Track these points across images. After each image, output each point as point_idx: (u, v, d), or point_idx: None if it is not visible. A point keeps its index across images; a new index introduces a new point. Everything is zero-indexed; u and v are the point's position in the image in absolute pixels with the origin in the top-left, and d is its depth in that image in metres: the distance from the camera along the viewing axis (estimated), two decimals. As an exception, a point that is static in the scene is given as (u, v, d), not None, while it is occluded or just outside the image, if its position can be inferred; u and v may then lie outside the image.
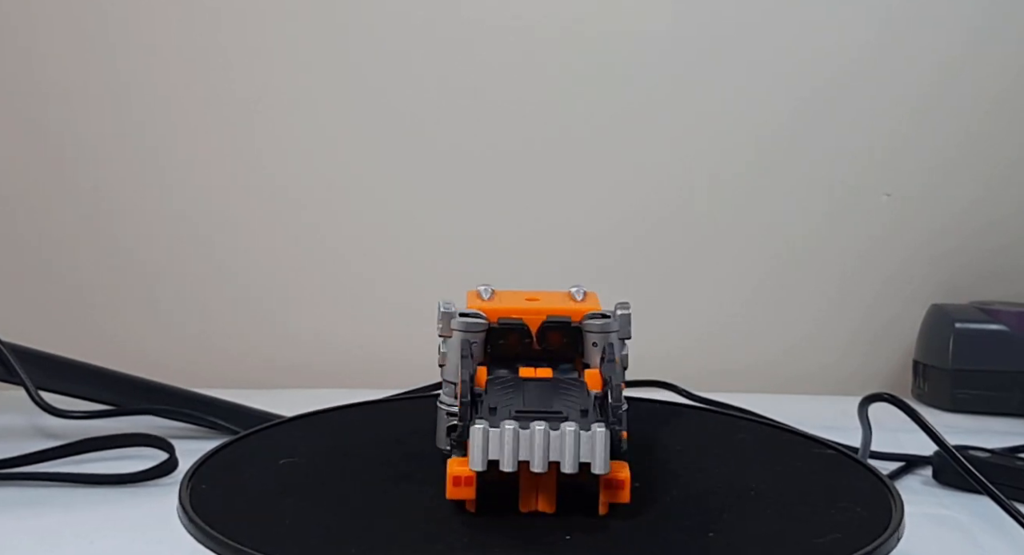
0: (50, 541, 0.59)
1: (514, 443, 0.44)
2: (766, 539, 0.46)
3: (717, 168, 0.96)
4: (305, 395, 0.72)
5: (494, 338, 0.51)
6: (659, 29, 0.94)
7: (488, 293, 0.53)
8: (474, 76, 0.95)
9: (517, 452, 0.44)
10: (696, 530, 0.47)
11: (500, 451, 0.44)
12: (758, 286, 0.97)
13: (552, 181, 0.96)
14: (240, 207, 0.97)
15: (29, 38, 0.95)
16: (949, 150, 0.95)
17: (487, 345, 0.51)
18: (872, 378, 0.97)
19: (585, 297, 0.52)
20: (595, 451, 0.44)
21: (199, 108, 0.96)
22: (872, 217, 0.96)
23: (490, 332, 0.51)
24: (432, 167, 0.97)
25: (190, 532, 0.46)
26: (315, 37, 0.95)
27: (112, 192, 0.97)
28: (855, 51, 0.94)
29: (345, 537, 0.46)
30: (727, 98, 0.95)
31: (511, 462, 0.44)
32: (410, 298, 0.97)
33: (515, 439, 0.44)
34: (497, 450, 0.44)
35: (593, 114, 0.96)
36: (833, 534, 0.47)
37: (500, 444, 0.44)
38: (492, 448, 0.44)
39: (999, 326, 0.88)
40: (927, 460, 0.71)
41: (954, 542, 0.61)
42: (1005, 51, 0.94)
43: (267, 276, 0.98)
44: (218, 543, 0.44)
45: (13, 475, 0.68)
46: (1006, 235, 0.96)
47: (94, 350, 0.81)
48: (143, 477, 0.68)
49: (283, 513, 0.48)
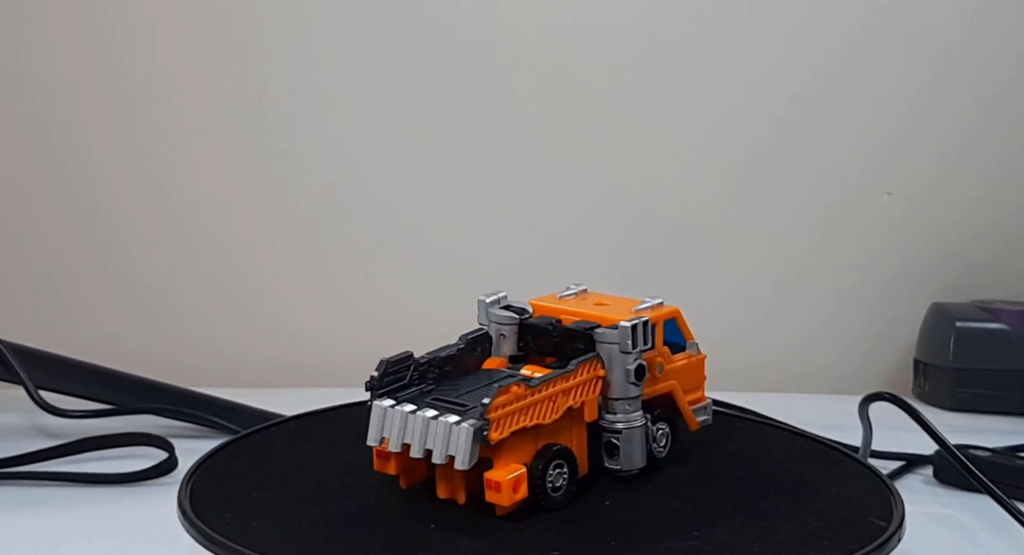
0: (50, 541, 0.59)
1: (401, 426, 0.47)
2: (766, 538, 0.46)
3: (717, 168, 0.96)
4: (305, 394, 0.72)
5: (523, 334, 0.54)
6: (659, 29, 0.94)
7: (570, 292, 0.56)
8: (474, 76, 0.95)
9: (403, 435, 0.47)
10: (696, 529, 0.47)
11: (390, 431, 0.47)
12: (758, 286, 0.97)
13: (554, 184, 0.96)
14: (240, 207, 0.97)
15: (25, 35, 0.95)
16: (950, 149, 0.95)
17: (520, 340, 0.54)
18: (872, 377, 0.97)
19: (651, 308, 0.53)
20: (458, 446, 0.45)
21: (199, 108, 0.96)
22: (873, 216, 0.96)
23: (521, 328, 0.54)
24: (432, 167, 0.97)
25: (189, 532, 0.46)
26: (315, 37, 0.95)
27: (111, 192, 0.97)
28: (856, 50, 0.94)
29: (345, 537, 0.46)
30: (727, 98, 0.95)
31: (397, 443, 0.47)
32: (410, 298, 0.97)
33: (402, 422, 0.46)
34: (388, 430, 0.47)
35: (593, 116, 0.95)
36: (833, 533, 0.47)
37: (390, 425, 0.47)
38: (384, 427, 0.47)
39: (1000, 325, 0.88)
40: (928, 459, 0.71)
41: (954, 541, 0.61)
42: (1006, 50, 0.94)
43: (267, 275, 0.98)
44: (217, 543, 0.44)
45: (13, 474, 0.68)
46: (1007, 234, 0.96)
47: (94, 349, 0.81)
48: (143, 476, 0.68)
49: (283, 513, 0.48)
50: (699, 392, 0.55)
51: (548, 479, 0.48)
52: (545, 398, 0.48)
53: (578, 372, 0.49)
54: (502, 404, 0.46)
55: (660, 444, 0.53)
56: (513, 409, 0.47)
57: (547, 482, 0.48)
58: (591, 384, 0.50)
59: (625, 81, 0.95)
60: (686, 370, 0.54)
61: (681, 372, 0.54)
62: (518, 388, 0.47)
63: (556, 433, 0.49)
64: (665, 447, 0.53)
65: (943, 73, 0.94)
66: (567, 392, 0.49)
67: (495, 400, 0.46)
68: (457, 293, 0.96)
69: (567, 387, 0.49)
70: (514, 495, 0.46)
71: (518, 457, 0.47)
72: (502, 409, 0.46)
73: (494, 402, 0.46)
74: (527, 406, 0.47)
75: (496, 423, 0.46)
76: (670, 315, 0.53)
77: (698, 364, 0.55)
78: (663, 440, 0.53)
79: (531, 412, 0.47)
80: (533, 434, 0.48)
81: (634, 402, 0.51)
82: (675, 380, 0.53)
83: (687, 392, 0.54)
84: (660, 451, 0.53)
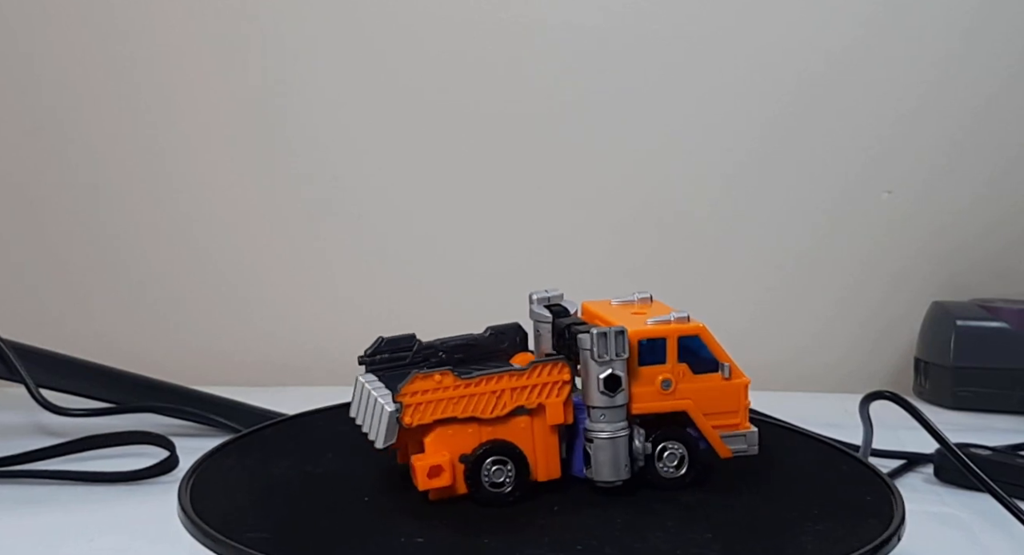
0: (51, 539, 0.59)
1: (358, 397, 0.50)
2: (766, 536, 0.46)
3: (717, 168, 0.96)
4: (305, 393, 0.72)
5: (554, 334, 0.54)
6: (658, 28, 0.94)
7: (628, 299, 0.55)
8: (475, 76, 0.95)
9: (358, 407, 0.50)
10: (695, 528, 0.47)
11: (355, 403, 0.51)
12: (759, 285, 0.97)
13: (554, 185, 0.96)
14: (241, 207, 0.97)
15: (27, 34, 0.95)
16: (950, 148, 0.95)
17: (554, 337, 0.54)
18: (873, 376, 0.97)
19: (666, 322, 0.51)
20: (378, 425, 0.47)
21: (200, 109, 0.96)
22: (873, 215, 0.96)
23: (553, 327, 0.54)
24: (432, 169, 0.97)
25: (189, 531, 0.46)
26: (316, 37, 0.95)
27: (112, 191, 0.97)
28: (856, 49, 0.94)
29: (345, 536, 0.46)
30: (727, 98, 0.95)
31: (355, 414, 0.50)
32: (411, 298, 0.97)
33: (360, 394, 0.50)
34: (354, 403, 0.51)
35: (592, 116, 0.95)
36: (833, 532, 0.47)
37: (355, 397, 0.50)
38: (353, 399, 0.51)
39: (1000, 323, 0.88)
40: (928, 458, 0.71)
41: (955, 539, 0.61)
42: (1006, 49, 0.94)
43: (268, 275, 0.98)
44: (218, 542, 0.44)
45: (13, 473, 0.68)
46: (1007, 233, 0.96)
47: (94, 348, 0.81)
48: (144, 475, 0.68)
49: (283, 512, 0.48)
50: (733, 418, 0.51)
51: (484, 474, 0.49)
52: (485, 393, 0.48)
53: (534, 373, 0.49)
54: (417, 390, 0.47)
55: (669, 464, 0.51)
56: (436, 397, 0.48)
57: (483, 476, 0.49)
58: (554, 387, 0.49)
59: (626, 81, 0.95)
60: (709, 392, 0.51)
61: (702, 393, 0.51)
62: (441, 376, 0.48)
63: (508, 431, 0.49)
64: (677, 469, 0.51)
65: (944, 72, 0.94)
66: (517, 391, 0.49)
67: (407, 385, 0.47)
68: (459, 294, 0.97)
69: (516, 386, 0.49)
70: (429, 481, 0.48)
71: (455, 447, 0.48)
72: (421, 395, 0.47)
73: (406, 387, 0.47)
74: (458, 397, 0.48)
75: (413, 408, 0.47)
76: (689, 331, 0.50)
77: (731, 388, 0.51)
78: (672, 461, 0.51)
79: (464, 404, 0.48)
80: (477, 428, 0.49)
81: (610, 412, 0.49)
82: (692, 400, 0.50)
83: (714, 415, 0.51)
84: (668, 471, 0.51)
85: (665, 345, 0.50)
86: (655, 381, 0.50)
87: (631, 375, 0.50)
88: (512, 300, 0.95)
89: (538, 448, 0.50)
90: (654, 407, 0.50)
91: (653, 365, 0.50)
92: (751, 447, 0.51)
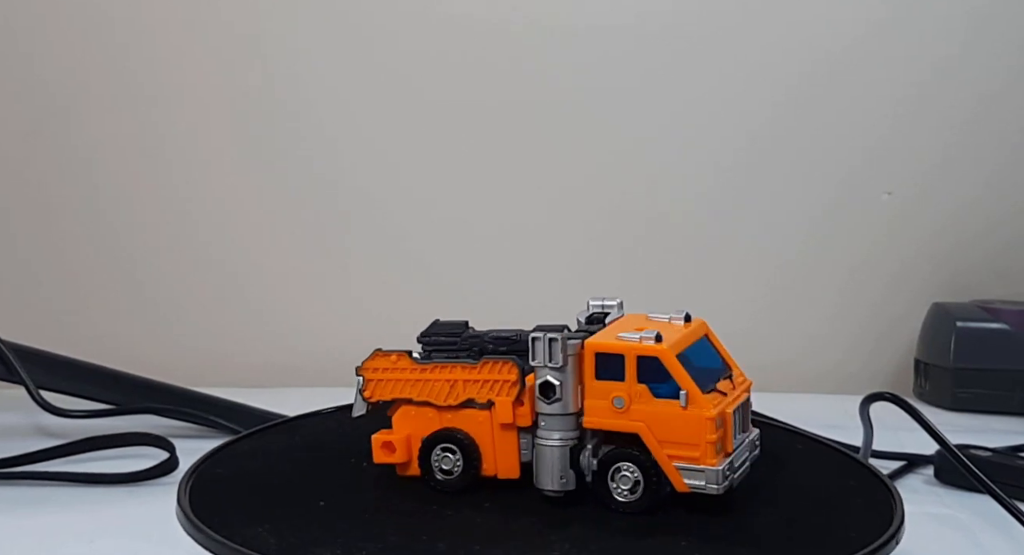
0: (50, 541, 0.59)
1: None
2: (766, 538, 0.46)
3: (716, 168, 0.96)
4: (305, 394, 0.72)
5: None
6: (657, 28, 0.94)
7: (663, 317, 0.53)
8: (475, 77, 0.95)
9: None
10: (695, 528, 0.47)
11: None
12: (759, 286, 0.97)
13: (554, 186, 0.96)
14: (241, 208, 0.97)
15: (29, 37, 0.95)
16: (950, 149, 0.95)
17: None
18: (873, 377, 0.96)
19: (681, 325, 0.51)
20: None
21: (200, 109, 0.96)
22: (873, 216, 0.96)
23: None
24: (433, 170, 0.97)
25: (189, 532, 0.46)
26: (317, 37, 0.95)
27: (112, 192, 0.97)
28: (855, 49, 0.94)
29: (345, 536, 0.46)
30: (726, 98, 0.95)
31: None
32: (410, 298, 0.97)
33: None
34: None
35: (592, 115, 0.95)
36: (833, 533, 0.47)
37: None
38: None
39: (1000, 325, 0.88)
40: (928, 459, 0.71)
41: (955, 541, 0.61)
42: (1005, 49, 0.94)
43: (268, 276, 0.98)
44: (217, 543, 0.44)
45: (13, 474, 0.68)
46: (1007, 233, 0.96)
47: (94, 349, 0.81)
48: (144, 476, 0.68)
49: (282, 513, 0.48)
50: (692, 450, 0.47)
51: (434, 458, 0.51)
52: (440, 380, 0.51)
53: (484, 368, 0.50)
54: (377, 366, 0.52)
55: (623, 486, 0.48)
56: (395, 377, 0.51)
57: (432, 461, 0.51)
58: (502, 386, 0.50)
59: (626, 81, 0.95)
60: (666, 419, 0.47)
61: (658, 418, 0.47)
62: (398, 357, 0.51)
63: (464, 422, 0.51)
64: (631, 492, 0.48)
65: (943, 72, 0.94)
66: (468, 383, 0.50)
67: (367, 361, 0.52)
68: (459, 295, 0.97)
69: (468, 378, 0.50)
70: (381, 456, 0.51)
71: (417, 429, 0.51)
72: (381, 372, 0.52)
73: (366, 362, 0.52)
74: (415, 380, 0.51)
75: (374, 383, 0.52)
76: (647, 352, 0.48)
77: (690, 419, 0.47)
78: (626, 483, 0.48)
79: (420, 388, 0.51)
80: (437, 413, 0.51)
81: (551, 420, 0.48)
82: (645, 424, 0.47)
83: (671, 444, 0.47)
84: (621, 493, 0.48)
85: (623, 362, 0.48)
86: (608, 397, 0.48)
87: (588, 388, 0.49)
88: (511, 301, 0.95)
89: (496, 445, 0.50)
90: (605, 424, 0.48)
91: (610, 381, 0.48)
92: (709, 485, 0.47)
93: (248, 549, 0.43)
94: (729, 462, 0.47)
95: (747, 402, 0.51)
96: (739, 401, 0.49)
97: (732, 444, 0.48)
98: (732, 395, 0.49)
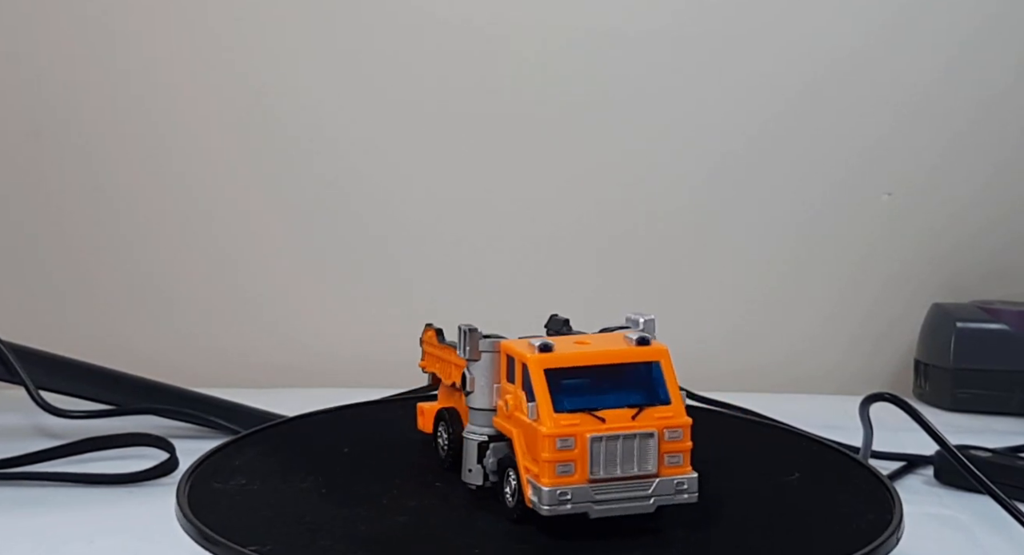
0: (51, 541, 0.59)
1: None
2: (766, 538, 0.46)
3: (717, 169, 0.96)
4: (305, 395, 0.72)
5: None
6: (656, 28, 0.94)
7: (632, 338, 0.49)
8: (474, 77, 0.95)
9: None
10: (696, 529, 0.47)
11: None
12: (759, 288, 0.97)
13: (553, 186, 0.96)
14: (241, 209, 0.97)
15: (30, 36, 0.95)
16: (950, 149, 0.95)
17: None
18: (873, 378, 0.96)
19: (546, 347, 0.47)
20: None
21: (201, 108, 0.96)
22: (873, 217, 0.96)
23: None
24: (432, 172, 0.96)
25: (188, 533, 0.46)
26: (318, 38, 0.95)
27: (113, 192, 0.97)
28: (855, 50, 0.94)
29: (345, 536, 0.46)
30: (726, 98, 0.95)
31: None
32: (410, 299, 0.97)
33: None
34: None
35: (591, 115, 0.95)
36: (833, 534, 0.47)
37: None
38: None
39: (1000, 325, 0.88)
40: (928, 459, 0.71)
41: (955, 541, 0.61)
42: (1005, 50, 0.94)
43: (268, 276, 0.98)
44: (217, 543, 0.44)
45: (13, 475, 0.68)
46: (1007, 234, 0.96)
47: (94, 350, 0.81)
48: (144, 477, 0.68)
49: (282, 513, 0.48)
50: (534, 466, 0.45)
51: (438, 432, 0.54)
52: (448, 362, 0.53)
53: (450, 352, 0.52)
54: (426, 339, 0.56)
55: (507, 490, 0.47)
56: (431, 351, 0.55)
57: (437, 436, 0.54)
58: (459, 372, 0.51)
59: (626, 81, 0.95)
60: (526, 429, 0.45)
61: (522, 427, 0.46)
62: (431, 331, 0.55)
63: (457, 402, 0.53)
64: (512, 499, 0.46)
65: (943, 72, 0.94)
66: (454, 366, 0.52)
67: (424, 333, 0.56)
68: (459, 297, 0.97)
69: (455, 362, 0.52)
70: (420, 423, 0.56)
71: (441, 404, 0.55)
72: (427, 345, 0.56)
73: (423, 334, 0.56)
74: (438, 357, 0.54)
75: (425, 355, 0.56)
76: (517, 356, 0.47)
77: (536, 434, 0.44)
78: (509, 488, 0.46)
79: (441, 367, 0.54)
80: (448, 393, 0.54)
81: (472, 413, 0.49)
82: (517, 431, 0.46)
83: (527, 456, 0.45)
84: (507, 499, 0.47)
85: (514, 366, 0.47)
86: (504, 399, 0.47)
87: (502, 388, 0.48)
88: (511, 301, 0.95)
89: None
90: (497, 424, 0.48)
91: (509, 383, 0.47)
92: (540, 505, 0.44)
93: (248, 549, 0.43)
94: (583, 489, 0.44)
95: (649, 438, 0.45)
96: (624, 431, 0.44)
97: (593, 472, 0.44)
98: (615, 424, 0.44)
